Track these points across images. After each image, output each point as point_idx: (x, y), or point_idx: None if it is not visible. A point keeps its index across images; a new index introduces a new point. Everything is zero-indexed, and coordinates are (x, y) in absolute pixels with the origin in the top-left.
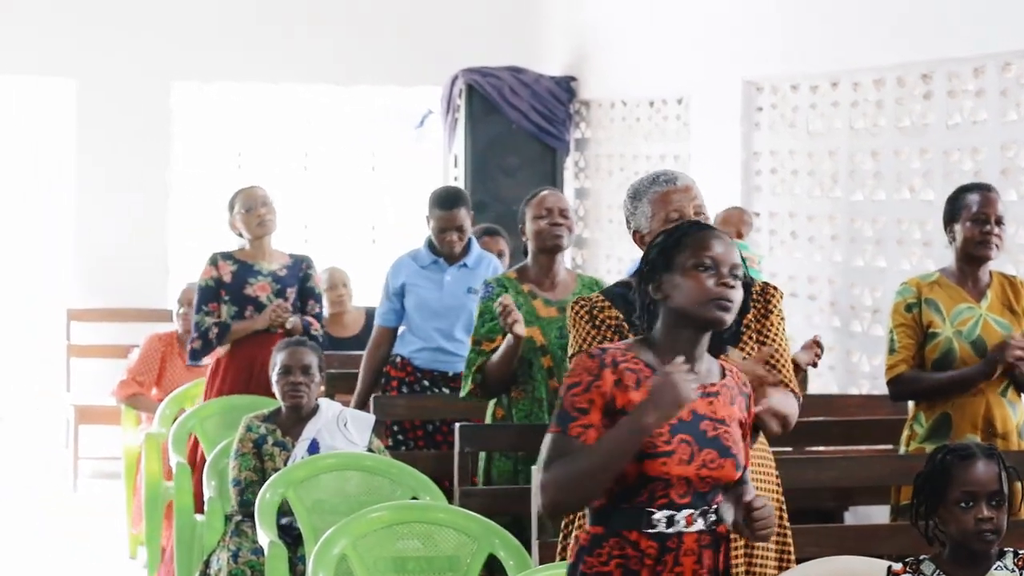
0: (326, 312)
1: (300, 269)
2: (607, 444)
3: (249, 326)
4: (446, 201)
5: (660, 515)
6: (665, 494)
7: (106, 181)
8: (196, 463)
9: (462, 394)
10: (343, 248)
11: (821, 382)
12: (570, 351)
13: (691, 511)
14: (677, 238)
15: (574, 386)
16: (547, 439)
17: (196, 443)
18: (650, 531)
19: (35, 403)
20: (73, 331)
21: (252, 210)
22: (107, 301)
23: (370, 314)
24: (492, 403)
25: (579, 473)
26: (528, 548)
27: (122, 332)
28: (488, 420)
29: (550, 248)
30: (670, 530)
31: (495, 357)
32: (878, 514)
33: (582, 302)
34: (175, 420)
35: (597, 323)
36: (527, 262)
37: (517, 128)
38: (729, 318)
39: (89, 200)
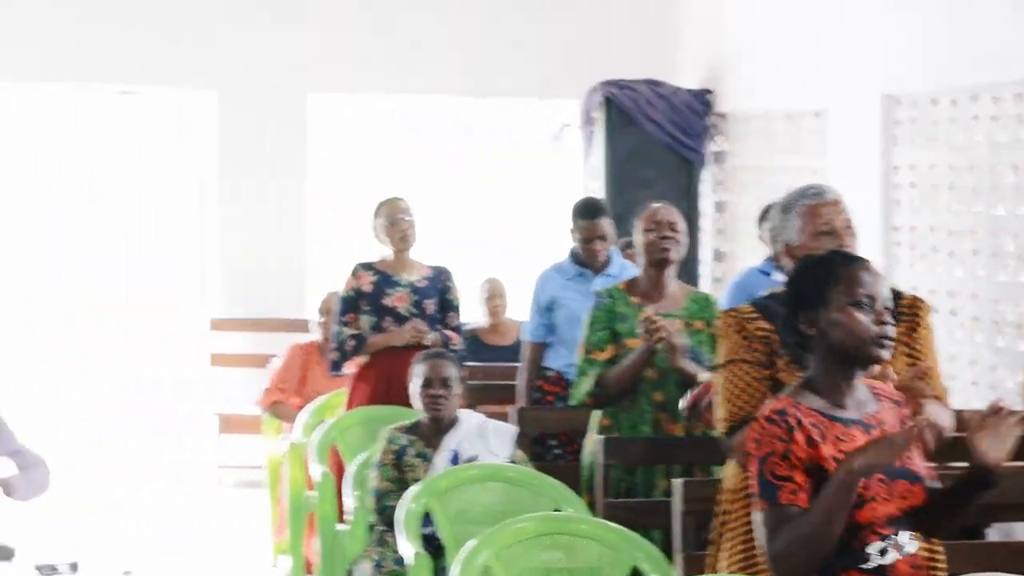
0: (485, 321)
1: (440, 281)
2: (825, 502)
3: (386, 340)
4: (588, 211)
5: (872, 549)
6: (874, 530)
7: (248, 192)
8: (336, 472)
9: (573, 401)
10: (481, 260)
11: (964, 397)
12: (717, 360)
13: (896, 538)
14: (827, 271)
15: (769, 456)
16: (760, 516)
17: (336, 453)
18: (866, 567)
19: (180, 412)
20: (214, 341)
21: (395, 224)
22: (247, 311)
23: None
24: (598, 413)
25: (806, 537)
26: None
27: (260, 342)
28: (594, 430)
29: (657, 261)
30: (884, 560)
31: (623, 366)
32: (1021, 531)
33: (732, 313)
34: (315, 429)
35: (746, 334)
36: (638, 274)
37: (654, 141)
38: (888, 355)
39: (230, 210)
